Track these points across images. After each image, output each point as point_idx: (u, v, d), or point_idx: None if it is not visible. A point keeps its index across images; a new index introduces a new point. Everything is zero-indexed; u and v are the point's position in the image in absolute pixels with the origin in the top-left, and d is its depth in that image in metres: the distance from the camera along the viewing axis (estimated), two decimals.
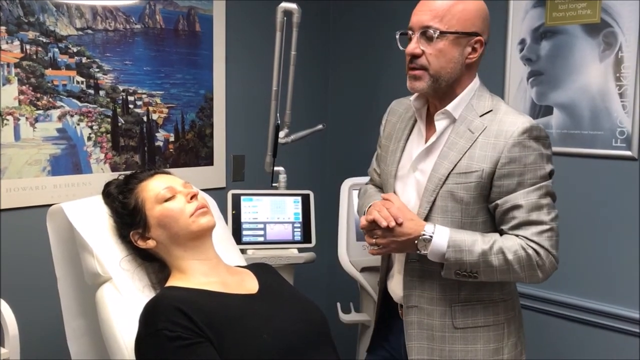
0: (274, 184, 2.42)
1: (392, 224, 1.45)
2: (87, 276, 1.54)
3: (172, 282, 1.47)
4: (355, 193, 2.30)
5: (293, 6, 2.27)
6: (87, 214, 1.56)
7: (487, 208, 1.50)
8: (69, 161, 2.19)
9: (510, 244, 1.43)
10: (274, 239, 2.24)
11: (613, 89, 2.12)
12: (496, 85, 2.42)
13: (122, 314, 1.46)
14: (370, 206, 1.57)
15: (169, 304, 1.31)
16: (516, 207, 1.44)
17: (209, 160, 2.62)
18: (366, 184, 1.85)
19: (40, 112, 2.10)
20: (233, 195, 2.23)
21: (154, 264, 1.56)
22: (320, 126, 2.48)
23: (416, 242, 1.45)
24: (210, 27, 2.56)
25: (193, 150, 2.56)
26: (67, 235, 1.60)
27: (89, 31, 2.20)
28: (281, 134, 2.39)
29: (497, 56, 2.40)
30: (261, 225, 2.24)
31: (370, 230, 1.50)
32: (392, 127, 1.69)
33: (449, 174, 1.48)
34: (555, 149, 2.24)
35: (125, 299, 1.48)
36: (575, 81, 2.21)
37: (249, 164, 2.73)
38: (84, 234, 1.52)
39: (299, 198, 2.30)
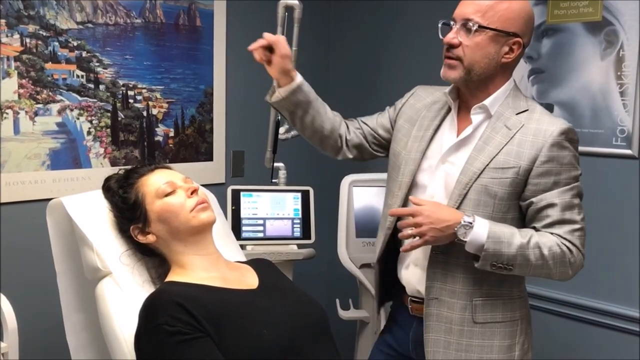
0: (273, 180, 2.41)
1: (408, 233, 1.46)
2: (87, 271, 1.54)
3: (172, 277, 1.46)
4: (355, 190, 2.30)
5: (294, 2, 2.26)
6: (87, 209, 1.56)
7: (518, 205, 1.51)
8: (68, 155, 2.18)
9: (546, 240, 1.45)
10: (274, 234, 2.24)
11: (614, 87, 2.12)
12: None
13: (121, 309, 1.45)
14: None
15: (169, 299, 1.31)
16: (551, 205, 1.47)
17: (208, 156, 2.62)
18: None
19: (40, 106, 2.10)
20: (233, 190, 2.22)
21: (153, 259, 1.55)
22: None
23: (456, 229, 1.44)
24: (211, 22, 2.55)
25: (193, 146, 2.56)
26: (66, 230, 1.59)
27: (90, 25, 2.20)
28: (281, 129, 2.38)
29: None
30: (261, 221, 2.24)
31: (407, 219, 1.48)
32: (414, 112, 1.67)
33: (484, 168, 1.48)
34: None
35: (125, 293, 1.48)
36: (576, 79, 2.21)
37: (249, 159, 2.73)
38: (84, 229, 1.51)
39: (299, 194, 2.30)
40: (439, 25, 1.56)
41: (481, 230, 1.43)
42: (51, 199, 1.63)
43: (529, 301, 1.66)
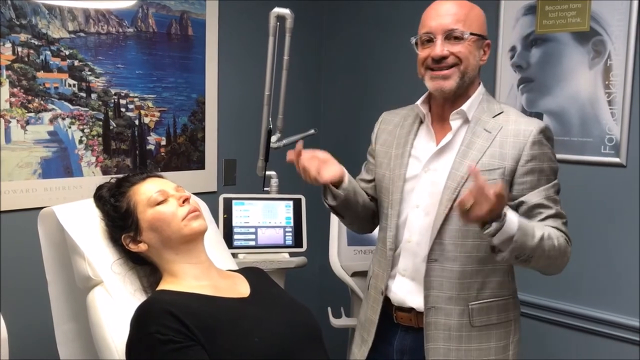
0: (265, 188, 2.42)
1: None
2: (78, 279, 1.54)
3: (163, 285, 1.46)
4: None
5: (286, 11, 2.28)
6: (78, 217, 1.56)
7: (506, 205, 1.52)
8: (60, 164, 2.18)
9: (552, 232, 1.48)
10: (266, 243, 2.25)
11: (602, 96, 2.15)
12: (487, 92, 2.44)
13: (113, 318, 1.45)
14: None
15: (161, 308, 1.31)
16: (541, 202, 1.51)
17: (200, 164, 2.62)
18: None
19: (32, 114, 2.10)
20: (225, 199, 2.23)
21: (145, 268, 1.55)
22: (312, 131, 2.49)
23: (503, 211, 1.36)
24: (203, 31, 2.56)
25: (185, 154, 2.56)
26: (58, 239, 1.59)
27: (82, 34, 2.20)
28: (273, 138, 2.39)
29: (487, 63, 2.37)
30: (253, 230, 2.24)
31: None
32: (388, 135, 1.72)
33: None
34: None
35: (116, 302, 1.48)
36: (564, 88, 2.24)
37: (241, 168, 2.73)
38: (75, 237, 1.51)
39: (291, 202, 2.30)
40: (412, 42, 1.58)
41: (512, 221, 1.37)
42: (43, 207, 1.63)
43: (520, 308, 1.67)
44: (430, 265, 1.54)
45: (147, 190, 1.50)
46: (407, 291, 1.59)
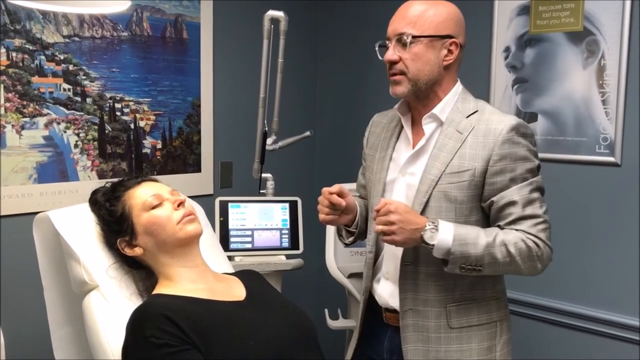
0: (261, 191, 2.42)
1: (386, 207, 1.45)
2: (74, 284, 1.54)
3: (159, 289, 1.46)
4: None
5: (280, 14, 2.29)
6: (73, 222, 1.56)
7: (480, 207, 1.53)
8: (55, 169, 2.18)
9: (511, 237, 1.46)
10: (262, 245, 2.25)
11: (596, 96, 2.15)
12: (481, 92, 2.45)
13: (109, 322, 1.45)
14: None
15: (156, 311, 1.31)
16: (511, 202, 1.47)
17: (196, 167, 2.62)
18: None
19: (27, 119, 2.10)
20: (221, 202, 2.23)
21: (141, 272, 1.55)
22: (307, 133, 2.49)
23: (422, 233, 1.44)
24: (198, 34, 2.57)
25: (180, 157, 2.56)
26: (53, 243, 1.59)
27: (76, 38, 2.20)
28: (269, 140, 2.40)
29: (482, 63, 2.43)
30: (249, 232, 2.24)
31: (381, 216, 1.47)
32: (376, 138, 1.72)
33: (441, 175, 1.50)
34: (539, 155, 2.29)
35: (112, 306, 1.48)
36: (559, 88, 2.24)
37: (237, 170, 2.73)
38: (71, 242, 1.51)
39: (287, 204, 2.31)
40: (376, 48, 1.61)
41: (446, 233, 1.44)
42: (38, 212, 1.63)
43: (507, 303, 1.66)
44: (404, 268, 1.55)
45: (142, 195, 1.50)
46: (389, 294, 1.60)
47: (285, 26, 2.30)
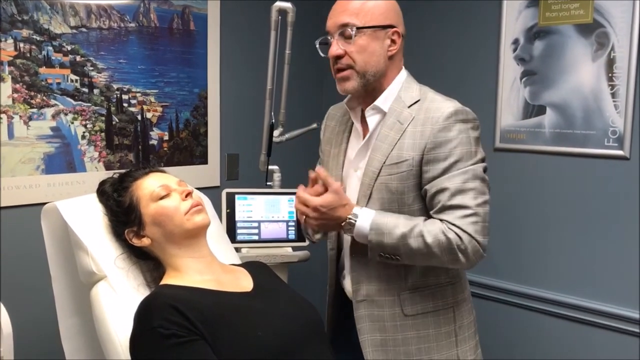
0: (268, 183, 2.42)
1: (302, 218, 1.54)
2: (82, 274, 1.54)
3: (166, 280, 1.47)
4: None
5: (288, 5, 2.28)
6: (81, 213, 1.56)
7: (421, 196, 1.52)
8: (62, 160, 2.18)
9: (432, 228, 1.44)
10: (268, 237, 2.25)
11: (605, 88, 2.14)
12: (489, 85, 2.44)
13: (116, 312, 1.46)
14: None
15: (164, 302, 1.31)
16: (441, 191, 1.45)
17: (203, 159, 2.62)
18: None
19: (34, 110, 2.10)
20: (227, 194, 2.23)
21: (148, 262, 1.56)
22: (314, 125, 2.48)
23: (343, 224, 1.48)
24: (205, 25, 2.56)
25: (187, 149, 2.56)
26: (61, 234, 1.60)
27: (83, 29, 2.20)
28: (275, 132, 2.39)
29: (490, 56, 2.42)
30: (255, 224, 2.24)
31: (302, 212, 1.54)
32: (331, 132, 1.73)
33: (382, 167, 1.51)
34: (548, 148, 2.29)
35: (120, 297, 1.48)
36: (568, 81, 2.23)
37: (243, 162, 2.73)
38: (79, 233, 1.51)
39: (293, 197, 2.29)
40: (317, 46, 1.60)
41: (364, 223, 1.46)
42: (46, 203, 1.63)
43: (468, 285, 1.66)
44: (353, 260, 1.57)
45: (149, 185, 1.50)
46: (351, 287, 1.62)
47: (292, 17, 2.29)
